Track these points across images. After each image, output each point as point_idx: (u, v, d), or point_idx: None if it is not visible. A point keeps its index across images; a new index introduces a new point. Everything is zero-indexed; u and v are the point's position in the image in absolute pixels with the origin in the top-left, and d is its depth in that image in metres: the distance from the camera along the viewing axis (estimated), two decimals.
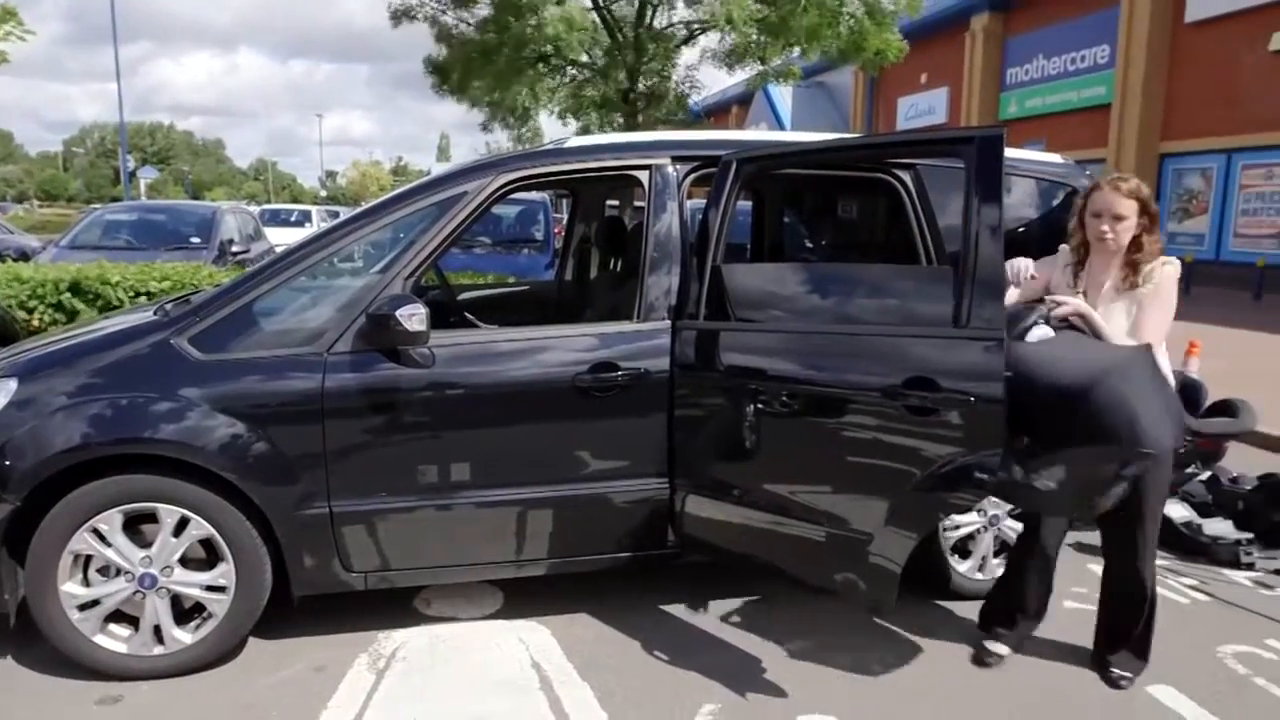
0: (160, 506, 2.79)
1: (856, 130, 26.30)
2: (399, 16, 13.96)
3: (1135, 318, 2.73)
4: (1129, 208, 2.71)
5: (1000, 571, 3.41)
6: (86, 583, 2.82)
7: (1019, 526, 3.50)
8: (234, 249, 9.63)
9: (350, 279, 3.17)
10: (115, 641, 2.86)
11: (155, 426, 2.78)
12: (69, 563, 2.77)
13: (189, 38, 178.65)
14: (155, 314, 3.17)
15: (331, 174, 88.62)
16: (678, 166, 3.24)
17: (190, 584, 2.86)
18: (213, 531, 2.82)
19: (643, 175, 3.23)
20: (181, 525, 2.81)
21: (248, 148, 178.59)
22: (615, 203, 5.55)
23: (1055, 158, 3.81)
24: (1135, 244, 2.74)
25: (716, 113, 35.13)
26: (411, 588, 3.39)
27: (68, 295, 6.28)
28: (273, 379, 2.85)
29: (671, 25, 14.25)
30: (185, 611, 2.92)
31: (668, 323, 3.11)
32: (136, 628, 2.87)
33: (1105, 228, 2.73)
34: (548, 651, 3.10)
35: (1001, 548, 3.52)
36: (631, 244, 3.97)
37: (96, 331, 3.15)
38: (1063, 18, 19.72)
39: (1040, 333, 2.70)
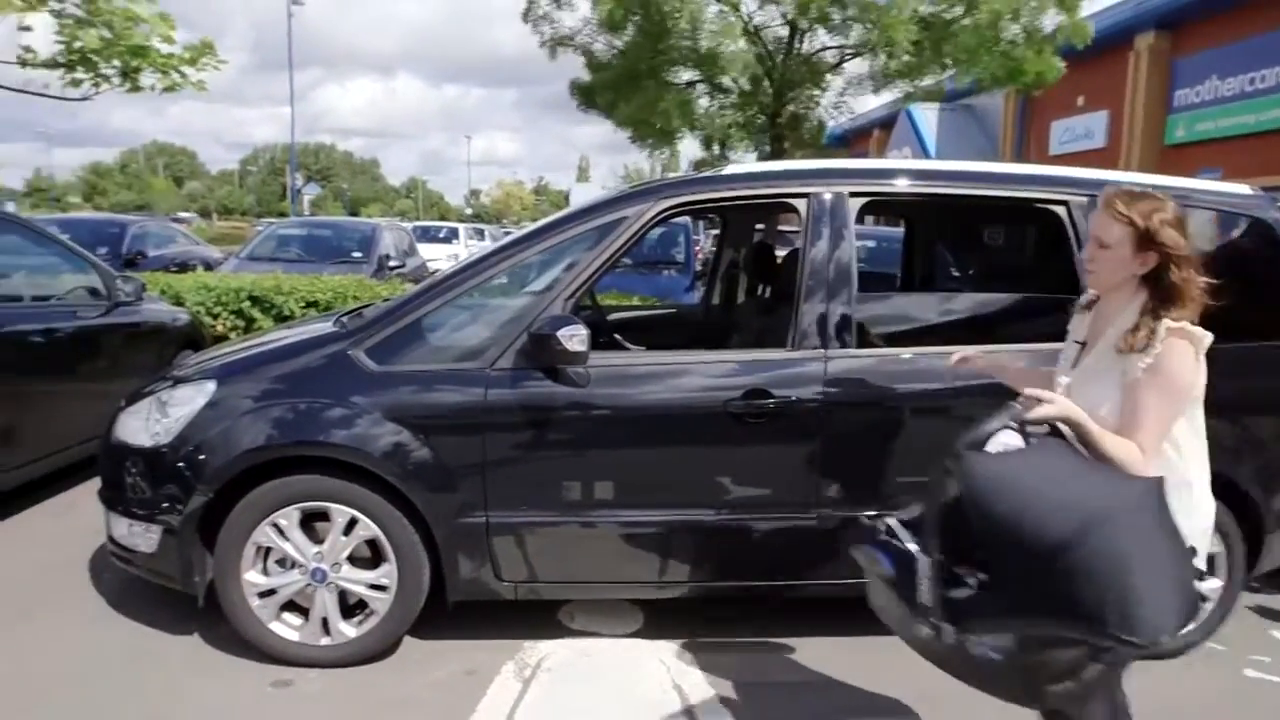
0: (333, 506, 2.98)
1: (1006, 156, 25.31)
2: (554, 46, 14.44)
3: (1126, 402, 1.98)
4: (1116, 234, 1.99)
5: None
6: (266, 573, 3.03)
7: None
8: (391, 263, 10.19)
9: (512, 299, 3.30)
10: (288, 629, 3.06)
11: (331, 431, 2.97)
12: (252, 553, 2.99)
13: (354, 65, 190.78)
14: (334, 325, 3.40)
15: (476, 192, 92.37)
16: (836, 194, 3.22)
17: (356, 581, 3.04)
18: (379, 533, 2.99)
19: (800, 203, 3.23)
20: (351, 525, 2.99)
21: (401, 167, 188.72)
22: (760, 226, 5.56)
23: (1240, 188, 3.56)
24: (1159, 287, 1.98)
25: (857, 136, 34.55)
26: (556, 600, 3.48)
27: (247, 303, 6.82)
28: (439, 391, 3.00)
29: (823, 49, 14.16)
30: (350, 607, 3.10)
31: (821, 351, 3.09)
32: (307, 618, 3.07)
33: (1086, 254, 2.10)
34: (688, 675, 3.11)
35: None
36: (782, 270, 3.98)
37: (282, 340, 3.40)
38: (1239, 35, 18.38)
39: (1005, 440, 1.97)
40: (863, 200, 3.25)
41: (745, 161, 12.72)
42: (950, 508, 1.90)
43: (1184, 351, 1.94)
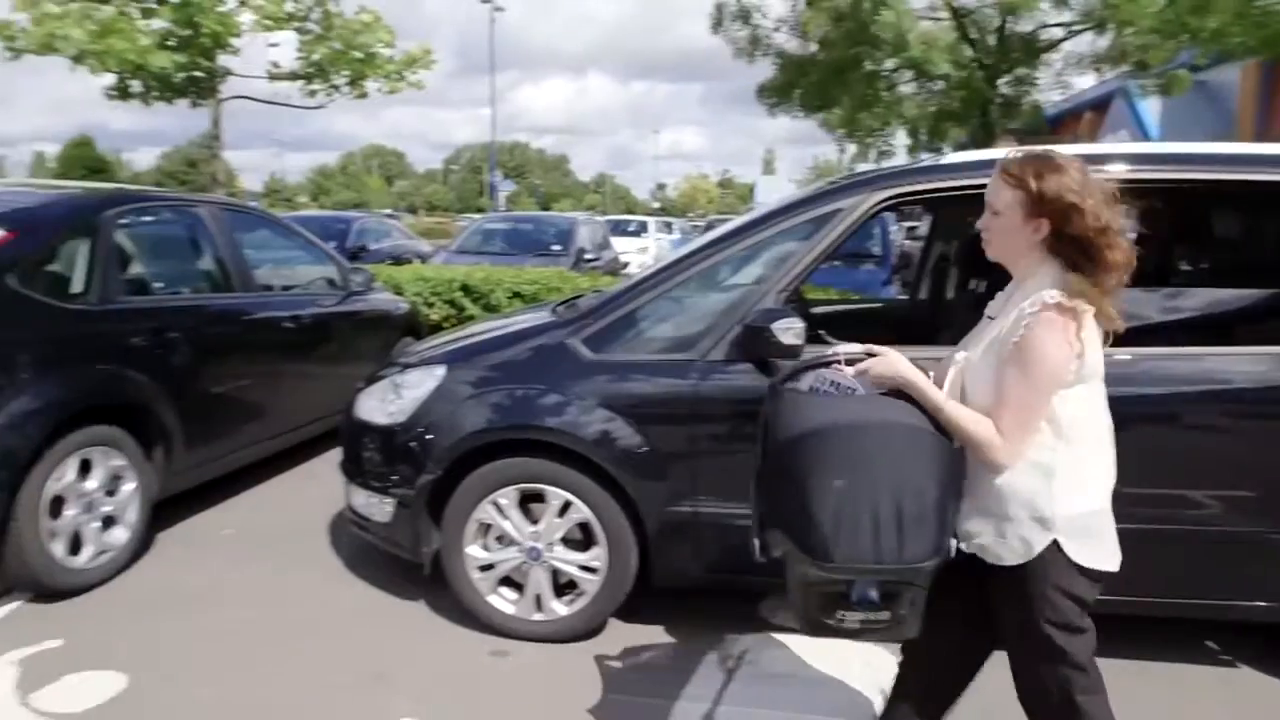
0: (548, 489, 3.11)
1: (1244, 138, 22.72)
2: (748, 50, 14.35)
3: (998, 379, 1.84)
4: (1006, 199, 1.83)
5: None
6: (486, 548, 3.21)
7: None
8: (587, 256, 10.54)
9: (725, 291, 3.31)
10: (504, 603, 3.24)
11: (548, 416, 3.10)
12: (474, 529, 3.18)
13: (548, 65, 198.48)
14: (551, 315, 3.54)
15: (662, 186, 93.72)
16: None
17: (568, 561, 3.16)
18: (591, 516, 3.09)
19: None
20: (565, 508, 3.12)
21: (590, 163, 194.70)
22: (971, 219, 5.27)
23: None
24: (1063, 252, 1.81)
25: (1066, 119, 32.13)
26: (758, 593, 3.47)
27: (459, 294, 7.25)
28: (652, 380, 3.06)
29: (1043, 27, 13.25)
30: (561, 586, 3.23)
31: None
32: (522, 594, 3.22)
33: (980, 222, 1.93)
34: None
35: None
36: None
37: (503, 328, 3.59)
38: None
39: (815, 378, 1.98)
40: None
41: (943, 152, 12.09)
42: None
43: (1056, 327, 1.77)
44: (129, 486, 3.78)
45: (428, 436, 3.21)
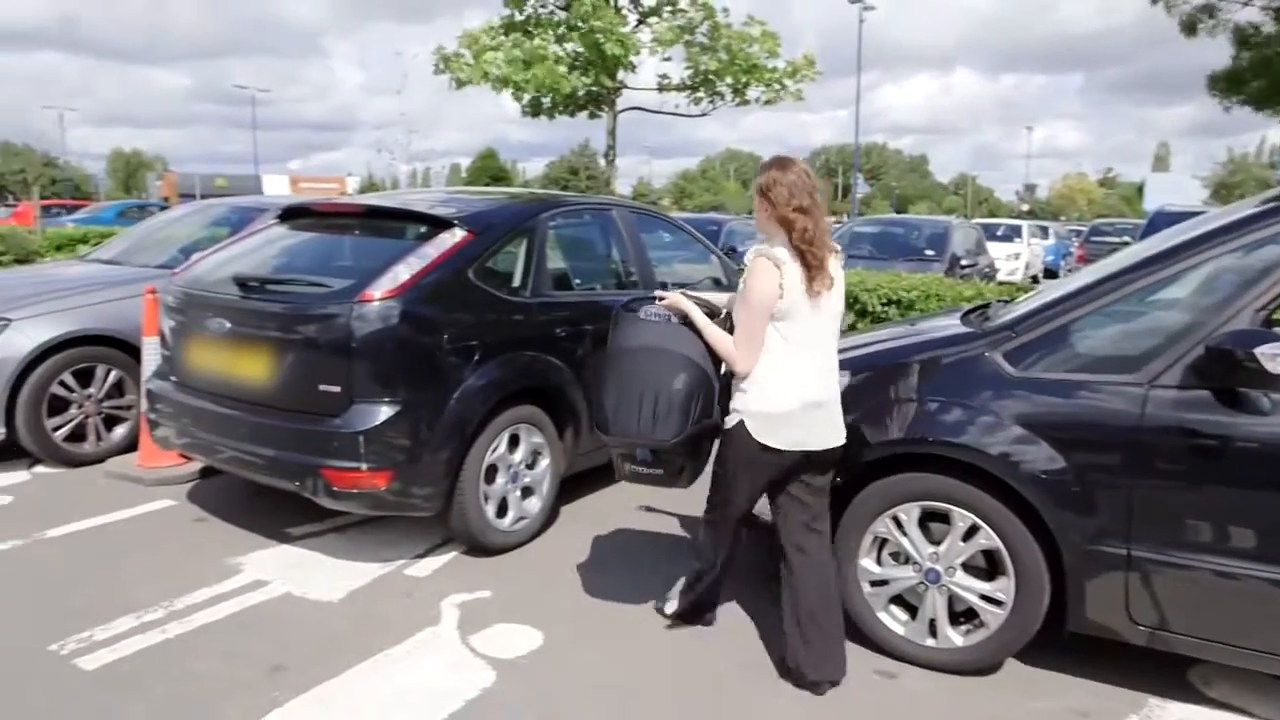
0: (954, 509, 2.93)
1: None
2: (1191, 22, 12.59)
3: None
4: (753, 190, 2.77)
5: None
6: (880, 563, 3.12)
7: None
8: (962, 262, 9.95)
9: (1178, 308, 2.89)
10: (894, 623, 3.12)
11: (961, 432, 2.91)
12: (869, 542, 3.09)
13: (912, 63, 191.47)
14: (964, 325, 3.34)
15: (1030, 188, 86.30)
16: None
17: (969, 589, 2.96)
18: (999, 544, 2.87)
19: None
20: (971, 532, 2.92)
21: (950, 163, 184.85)
22: None
23: None
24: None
25: None
26: (1190, 658, 3.01)
27: None
28: (1085, 404, 2.76)
29: None
30: (957, 614, 3.04)
31: None
32: (914, 616, 3.08)
33: None
34: None
35: None
36: None
37: (911, 336, 3.45)
38: None
39: (653, 311, 2.96)
40: None
41: None
42: None
43: (762, 269, 2.68)
44: (545, 462, 4.22)
45: None
